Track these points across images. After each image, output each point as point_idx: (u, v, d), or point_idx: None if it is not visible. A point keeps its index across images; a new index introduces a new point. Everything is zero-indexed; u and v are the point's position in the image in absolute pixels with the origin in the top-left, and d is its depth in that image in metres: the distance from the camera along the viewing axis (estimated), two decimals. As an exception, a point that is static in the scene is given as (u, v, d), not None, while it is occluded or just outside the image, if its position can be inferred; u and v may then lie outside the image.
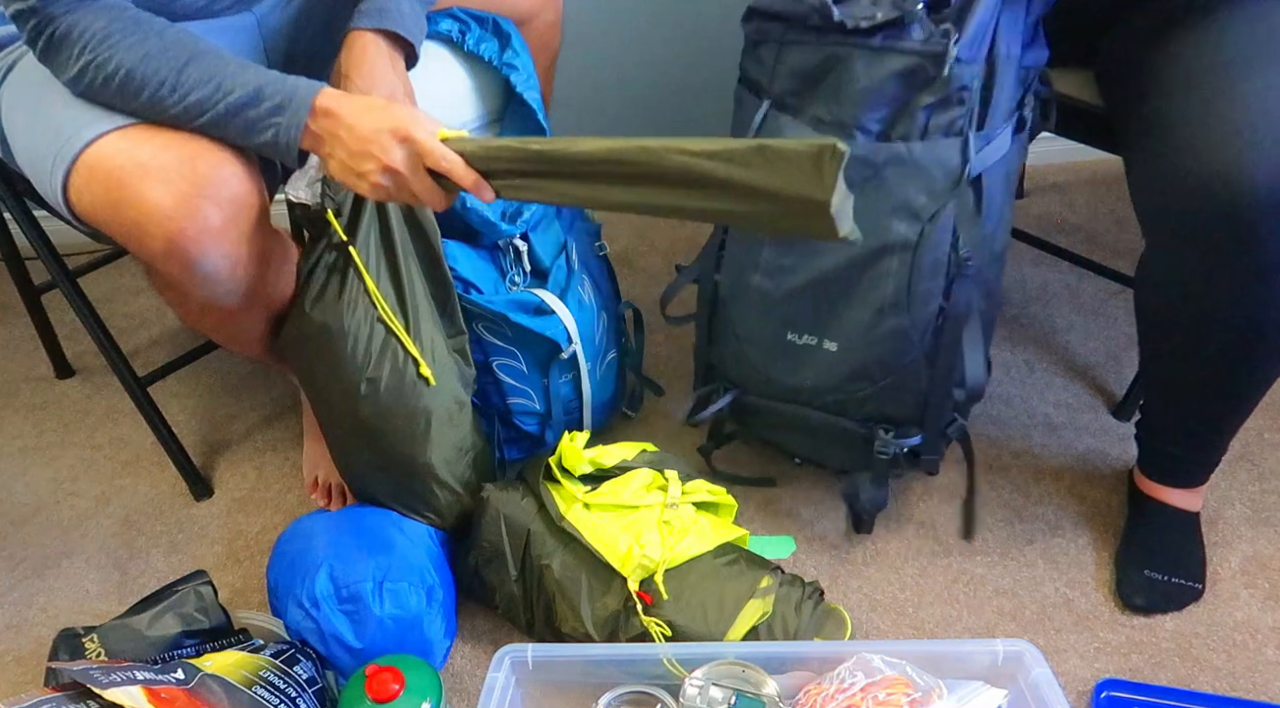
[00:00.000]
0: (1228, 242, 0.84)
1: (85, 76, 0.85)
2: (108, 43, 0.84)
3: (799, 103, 0.98)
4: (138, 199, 0.84)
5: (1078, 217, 1.71)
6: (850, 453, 1.13)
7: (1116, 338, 1.43)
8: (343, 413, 1.06)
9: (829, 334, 1.04)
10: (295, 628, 0.99)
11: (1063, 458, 1.26)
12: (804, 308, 1.04)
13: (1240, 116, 0.82)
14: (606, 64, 1.67)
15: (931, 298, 0.99)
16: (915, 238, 0.96)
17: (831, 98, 0.96)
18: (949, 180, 0.94)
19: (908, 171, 0.94)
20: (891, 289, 0.99)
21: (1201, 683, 1.00)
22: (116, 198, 0.85)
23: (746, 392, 1.15)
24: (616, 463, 1.09)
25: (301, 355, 1.05)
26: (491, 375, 1.17)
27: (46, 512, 1.31)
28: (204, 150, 0.86)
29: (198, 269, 0.88)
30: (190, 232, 0.85)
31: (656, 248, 1.72)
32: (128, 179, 0.84)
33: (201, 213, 0.85)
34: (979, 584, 1.12)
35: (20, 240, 1.26)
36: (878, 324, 1.01)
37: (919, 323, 1.00)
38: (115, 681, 0.77)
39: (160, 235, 0.85)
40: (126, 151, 0.85)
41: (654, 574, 0.97)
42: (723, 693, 0.86)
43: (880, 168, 0.95)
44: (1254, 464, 1.23)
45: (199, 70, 0.85)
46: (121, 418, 1.44)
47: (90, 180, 0.86)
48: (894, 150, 0.94)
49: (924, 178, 0.94)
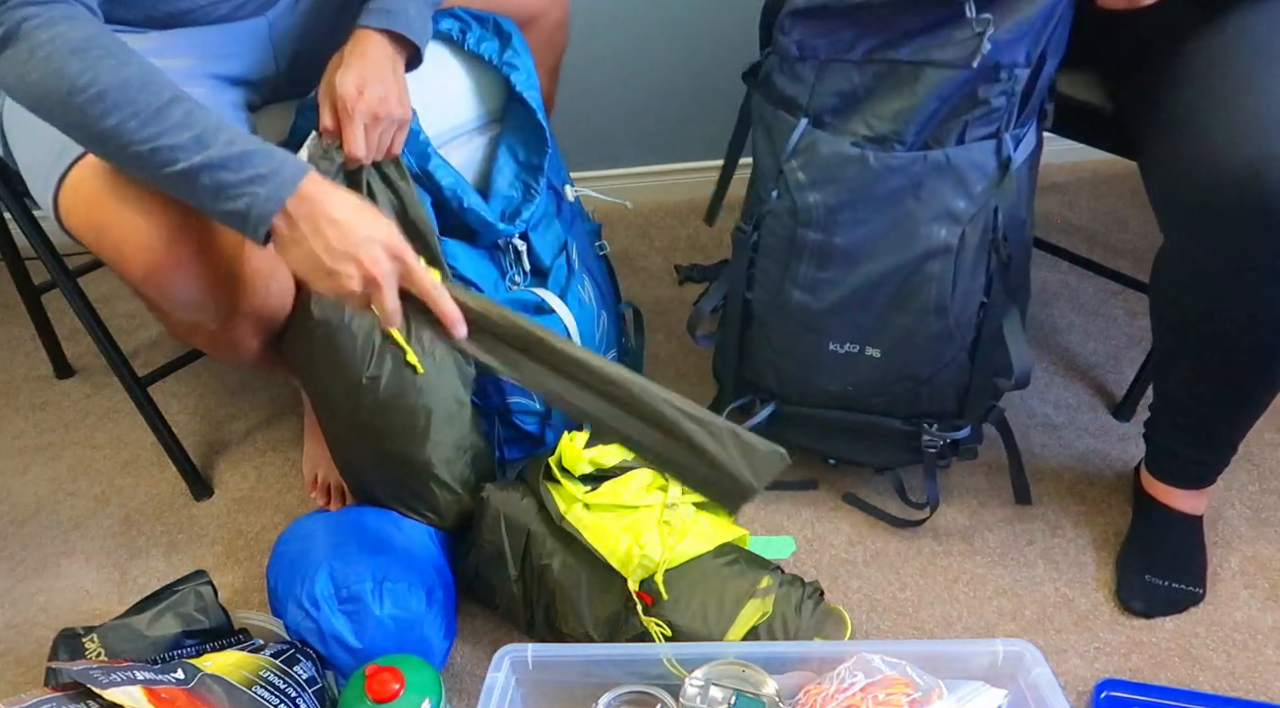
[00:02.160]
0: (1249, 235, 0.83)
1: (47, 83, 0.76)
2: (87, 54, 0.76)
3: (838, 120, 0.99)
4: (118, 226, 0.83)
5: (1078, 217, 1.71)
6: (893, 450, 1.15)
7: (1116, 338, 1.43)
8: (343, 410, 1.06)
9: (871, 342, 1.06)
10: (295, 628, 0.99)
11: (1063, 458, 1.26)
12: (846, 319, 1.05)
13: (1261, 108, 0.81)
14: (611, 63, 1.67)
15: (973, 297, 1.01)
16: (956, 241, 0.98)
17: (873, 114, 0.97)
18: (987, 182, 0.96)
19: (946, 178, 0.96)
20: (935, 293, 1.00)
21: (1201, 683, 1.00)
22: (99, 222, 0.84)
23: (785, 402, 1.16)
24: (616, 463, 1.08)
25: (303, 352, 1.05)
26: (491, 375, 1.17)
27: (46, 512, 1.31)
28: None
29: (176, 298, 0.88)
30: (168, 262, 0.84)
31: (656, 248, 1.72)
32: (108, 204, 0.83)
33: (179, 243, 0.84)
34: (979, 584, 1.12)
35: (20, 240, 1.26)
36: (921, 328, 1.02)
37: (962, 322, 1.02)
38: (115, 681, 0.77)
39: (139, 265, 0.84)
40: (112, 170, 0.84)
41: (654, 574, 0.97)
42: (723, 693, 0.86)
43: (919, 177, 0.96)
44: (1254, 464, 1.23)
45: (180, 114, 0.77)
46: (121, 418, 1.44)
47: (76, 201, 0.85)
48: (933, 159, 0.95)
49: (963, 182, 0.96)
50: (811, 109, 0.99)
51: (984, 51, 0.89)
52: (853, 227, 1.00)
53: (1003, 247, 0.98)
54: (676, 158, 1.81)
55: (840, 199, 0.99)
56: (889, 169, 0.96)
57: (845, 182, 0.98)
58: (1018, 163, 0.95)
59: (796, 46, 0.97)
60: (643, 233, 1.76)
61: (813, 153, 0.99)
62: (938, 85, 0.92)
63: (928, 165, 0.95)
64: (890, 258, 1.00)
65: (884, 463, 1.19)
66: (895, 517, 1.18)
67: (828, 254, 1.02)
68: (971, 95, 0.93)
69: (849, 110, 0.98)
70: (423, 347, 1.04)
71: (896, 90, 0.95)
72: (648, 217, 1.80)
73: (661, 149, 1.80)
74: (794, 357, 1.11)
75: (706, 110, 1.65)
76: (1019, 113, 0.95)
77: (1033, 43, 0.91)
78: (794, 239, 1.03)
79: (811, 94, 0.98)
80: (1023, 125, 0.96)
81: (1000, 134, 0.94)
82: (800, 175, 1.00)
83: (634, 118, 1.76)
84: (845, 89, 0.97)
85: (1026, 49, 0.91)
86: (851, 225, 1.00)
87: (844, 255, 1.02)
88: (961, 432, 1.10)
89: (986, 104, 0.93)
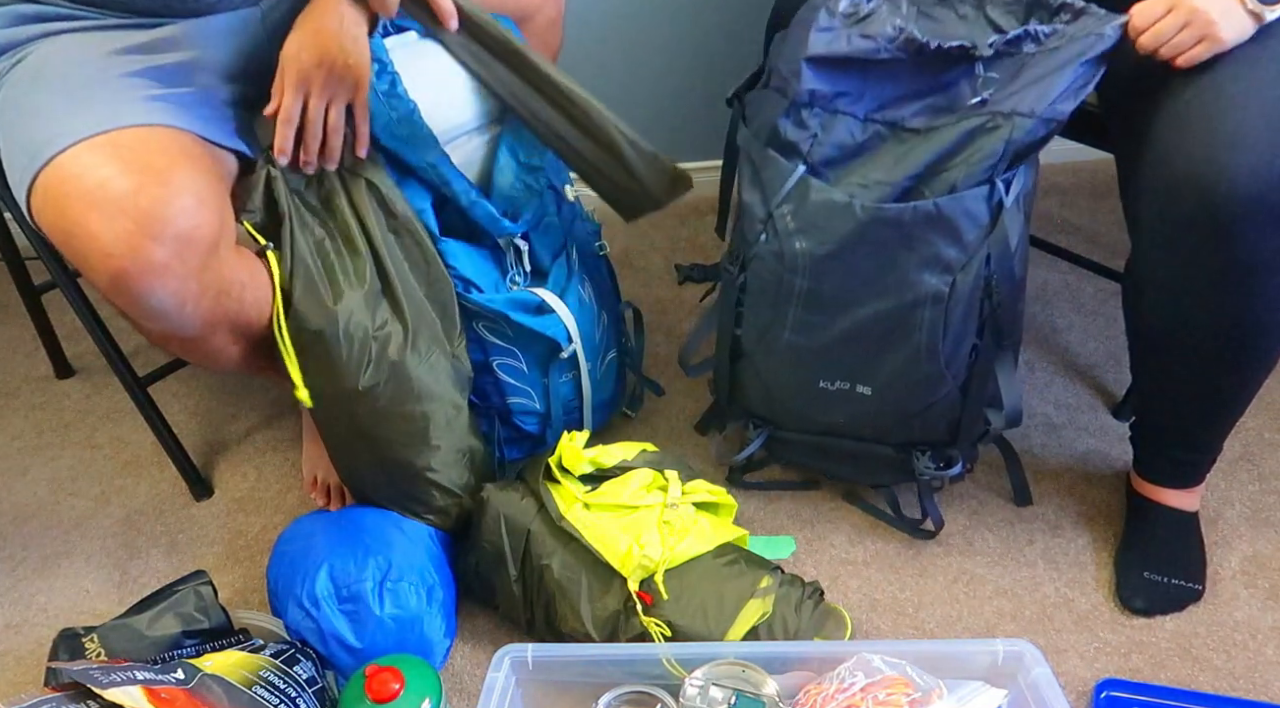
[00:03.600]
0: (1210, 243, 0.84)
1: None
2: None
3: (834, 172, 0.97)
4: (82, 232, 0.81)
5: (1078, 217, 1.71)
6: (887, 471, 1.15)
7: (1116, 338, 1.43)
8: (341, 420, 1.06)
9: (862, 380, 1.05)
10: (295, 628, 0.99)
11: (1063, 458, 1.26)
12: (836, 359, 1.04)
13: (1219, 119, 0.82)
14: (611, 63, 1.67)
15: (964, 340, 1.00)
16: (947, 289, 0.95)
17: (870, 168, 0.96)
18: (980, 231, 0.93)
19: (937, 228, 0.93)
20: (926, 338, 0.98)
21: (1201, 683, 1.00)
22: (65, 227, 0.82)
23: (778, 427, 1.16)
24: (616, 463, 1.09)
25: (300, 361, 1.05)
26: (492, 375, 1.17)
27: (46, 512, 1.31)
28: (156, 178, 0.82)
29: (143, 305, 0.85)
30: (132, 270, 0.82)
31: (657, 247, 1.72)
32: (73, 209, 0.81)
33: (144, 251, 0.81)
34: (979, 584, 1.12)
35: (20, 240, 1.26)
36: (912, 369, 1.01)
37: (953, 364, 1.01)
38: (115, 681, 0.77)
39: (103, 271, 0.82)
40: (79, 175, 0.82)
41: (654, 574, 0.97)
42: (723, 693, 0.86)
43: (909, 228, 0.93)
44: (1254, 464, 1.23)
45: None
46: (121, 418, 1.44)
47: (45, 203, 0.83)
48: (922, 210, 0.92)
49: (954, 231, 0.93)
50: (811, 157, 0.97)
51: (984, 97, 0.90)
52: (841, 275, 0.98)
53: (995, 293, 0.96)
54: (677, 158, 1.79)
55: (827, 248, 0.96)
56: (877, 220, 0.93)
57: (833, 230, 0.95)
58: (1010, 203, 0.93)
59: (808, 93, 0.95)
60: (643, 233, 1.76)
61: (803, 199, 0.97)
62: (939, 145, 0.92)
63: (917, 215, 0.92)
64: (879, 304, 0.98)
65: (879, 482, 1.20)
66: (896, 518, 1.18)
67: (816, 300, 1.00)
68: (969, 146, 0.92)
69: (846, 164, 0.97)
70: (419, 353, 1.04)
71: (896, 151, 0.95)
72: (648, 217, 1.80)
73: (662, 149, 1.79)
74: (785, 390, 1.10)
75: (706, 110, 1.65)
76: (1018, 158, 0.92)
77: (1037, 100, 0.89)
78: (781, 284, 1.01)
79: (814, 143, 0.97)
80: (1017, 167, 0.93)
81: (994, 179, 0.92)
82: (789, 221, 0.98)
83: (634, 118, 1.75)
84: (847, 143, 0.96)
85: (1031, 104, 0.89)
86: (839, 274, 0.98)
87: (832, 301, 1.00)
88: (954, 470, 1.09)
89: (981, 152, 0.91)
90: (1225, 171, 0.81)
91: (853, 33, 0.93)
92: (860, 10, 0.95)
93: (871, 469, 1.17)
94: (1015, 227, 0.94)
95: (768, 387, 1.10)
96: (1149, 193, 0.88)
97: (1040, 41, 0.90)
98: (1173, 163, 0.84)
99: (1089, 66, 0.89)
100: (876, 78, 0.95)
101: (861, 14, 0.95)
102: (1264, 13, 0.83)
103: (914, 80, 0.94)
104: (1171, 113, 0.86)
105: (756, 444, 1.17)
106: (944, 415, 1.06)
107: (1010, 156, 0.91)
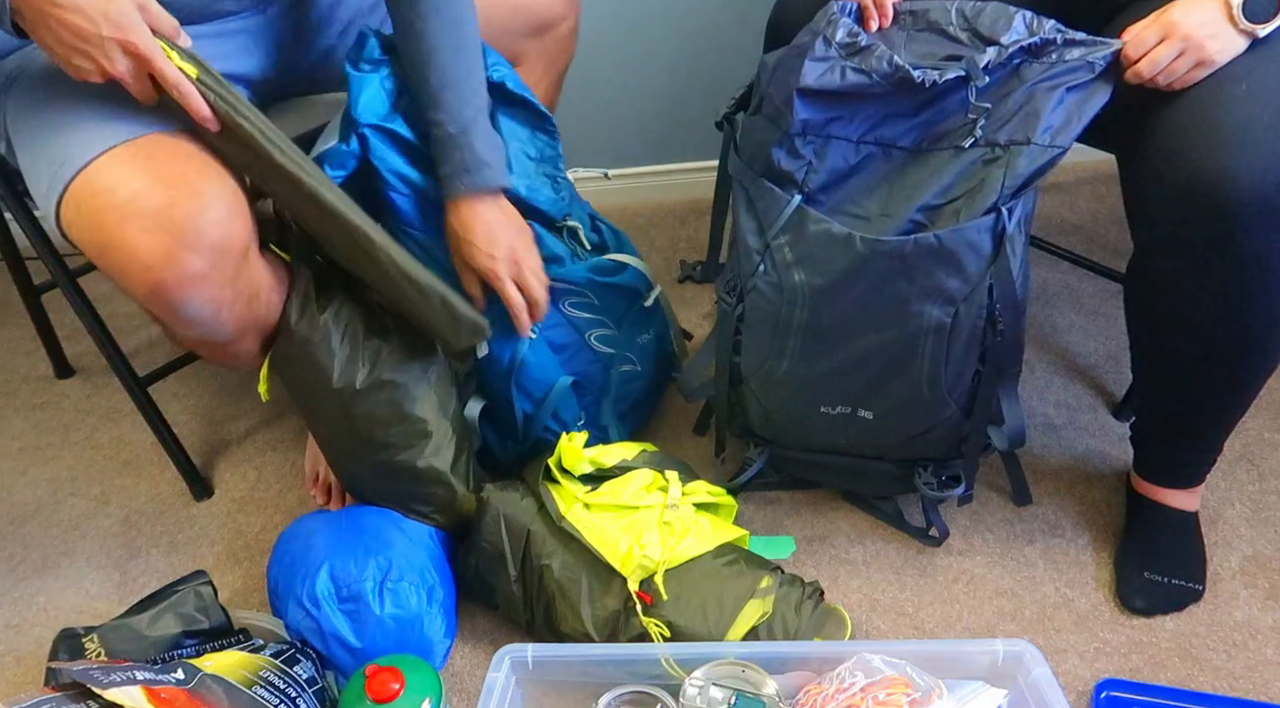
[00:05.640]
0: (1210, 243, 0.84)
1: None
2: None
3: (831, 199, 0.96)
4: (120, 245, 0.83)
5: (1078, 217, 1.71)
6: (890, 485, 1.16)
7: (1116, 338, 1.43)
8: (336, 426, 1.06)
9: (864, 405, 1.04)
10: (295, 628, 0.99)
11: (1063, 458, 1.26)
12: (837, 386, 1.03)
13: (1222, 120, 0.82)
14: (611, 64, 1.67)
15: (966, 369, 0.99)
16: (949, 320, 0.94)
17: (866, 195, 0.95)
18: (981, 261, 0.91)
19: (938, 260, 0.91)
20: (928, 367, 0.98)
21: (1201, 683, 1.00)
22: (101, 240, 0.84)
23: (780, 447, 1.16)
24: (616, 463, 1.09)
25: (291, 372, 1.05)
26: (590, 352, 1.18)
27: (46, 512, 1.31)
28: (189, 190, 0.84)
29: (181, 314, 0.87)
30: (171, 282, 0.84)
31: (656, 248, 1.72)
32: (109, 223, 0.83)
33: (181, 263, 0.83)
34: (979, 584, 1.12)
35: (20, 240, 1.26)
36: (914, 395, 1.01)
37: (955, 390, 1.00)
38: (115, 681, 0.77)
39: (142, 283, 0.84)
40: (112, 188, 0.83)
41: (654, 574, 0.97)
42: (723, 693, 0.86)
43: (911, 260, 0.91)
44: (1254, 464, 1.23)
45: None
46: (121, 418, 1.44)
47: (78, 216, 0.85)
48: (923, 242, 0.90)
49: (955, 263, 0.91)
50: (807, 186, 0.96)
51: (978, 136, 0.90)
52: (841, 307, 0.96)
53: (999, 322, 0.94)
54: (676, 158, 1.82)
55: (826, 281, 0.95)
56: (877, 253, 0.92)
57: (832, 262, 0.94)
58: (1012, 229, 0.91)
59: (801, 124, 0.94)
60: (643, 233, 1.75)
61: (800, 230, 0.95)
62: (939, 177, 0.91)
63: (919, 248, 0.90)
64: (881, 335, 0.97)
65: (882, 494, 1.20)
66: (896, 518, 1.18)
67: (816, 331, 0.99)
68: (970, 179, 0.91)
69: (841, 189, 0.96)
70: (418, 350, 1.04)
71: (888, 171, 0.94)
72: (648, 217, 1.80)
73: (661, 149, 1.80)
74: (785, 414, 1.10)
75: (706, 110, 1.64)
76: (1022, 186, 0.90)
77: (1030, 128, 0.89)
78: (780, 315, 0.99)
79: (809, 171, 0.96)
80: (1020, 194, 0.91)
81: (999, 207, 0.89)
82: (788, 252, 0.96)
83: (634, 118, 1.76)
84: (840, 167, 0.95)
85: (1026, 131, 0.89)
86: (839, 305, 0.96)
87: (832, 332, 0.99)
88: (957, 490, 1.09)
89: (984, 185, 0.90)
90: (1230, 172, 0.80)
91: (847, 65, 0.91)
92: (859, 42, 0.92)
93: (875, 484, 1.17)
94: (1018, 251, 0.93)
95: (768, 410, 1.10)
96: (1152, 193, 0.88)
97: (1032, 69, 0.90)
98: (1176, 164, 0.84)
99: (1077, 93, 0.89)
100: (871, 106, 0.93)
101: (859, 45, 0.92)
102: (1256, 31, 0.83)
103: (907, 103, 0.92)
104: (1174, 114, 0.86)
105: (757, 467, 1.17)
106: (946, 436, 1.06)
107: (1015, 187, 0.89)
